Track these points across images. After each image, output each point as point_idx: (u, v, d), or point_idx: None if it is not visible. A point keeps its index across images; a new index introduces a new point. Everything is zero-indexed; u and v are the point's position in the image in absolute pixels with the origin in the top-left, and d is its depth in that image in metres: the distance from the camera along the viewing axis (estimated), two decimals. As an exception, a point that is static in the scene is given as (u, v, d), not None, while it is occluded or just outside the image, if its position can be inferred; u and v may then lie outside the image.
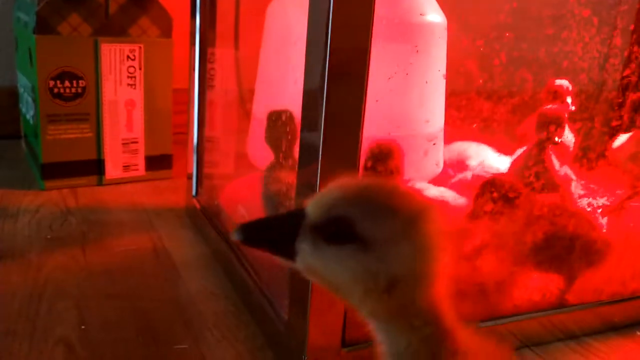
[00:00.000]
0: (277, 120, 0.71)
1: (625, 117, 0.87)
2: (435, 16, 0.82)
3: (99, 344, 0.68)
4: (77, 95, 1.11)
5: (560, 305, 0.76)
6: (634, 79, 0.77)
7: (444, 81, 0.87)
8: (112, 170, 1.18)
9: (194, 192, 1.04)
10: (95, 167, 1.17)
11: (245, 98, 1.08)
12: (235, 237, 0.32)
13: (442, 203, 0.74)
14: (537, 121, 0.84)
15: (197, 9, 0.99)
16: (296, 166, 0.63)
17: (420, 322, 0.31)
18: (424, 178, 0.84)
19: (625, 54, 0.76)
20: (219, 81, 1.05)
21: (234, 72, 1.10)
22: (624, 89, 0.79)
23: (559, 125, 0.80)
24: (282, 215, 0.33)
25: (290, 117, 0.69)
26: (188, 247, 0.94)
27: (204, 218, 0.98)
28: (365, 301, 0.31)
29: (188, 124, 1.05)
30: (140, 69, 1.16)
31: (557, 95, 1.05)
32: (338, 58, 0.53)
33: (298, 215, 0.32)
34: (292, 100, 0.72)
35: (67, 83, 1.09)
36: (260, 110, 0.89)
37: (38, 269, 0.83)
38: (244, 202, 0.89)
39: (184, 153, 1.15)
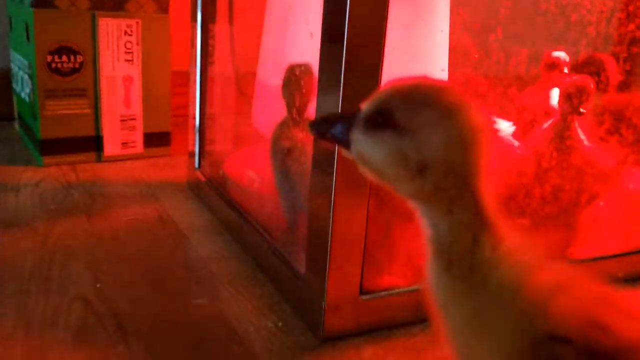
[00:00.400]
0: (293, 74, 0.71)
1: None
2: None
3: (116, 300, 0.68)
4: (74, 70, 1.10)
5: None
6: (638, 33, 0.79)
7: (447, 46, 0.88)
8: (110, 147, 1.18)
9: (196, 165, 1.04)
10: (93, 143, 1.16)
11: (246, 72, 1.08)
12: (310, 130, 0.38)
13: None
14: (561, 93, 0.84)
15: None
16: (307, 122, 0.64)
17: (458, 209, 0.33)
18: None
19: (631, 8, 0.78)
20: (218, 57, 1.05)
21: (233, 47, 1.10)
22: (629, 44, 0.81)
23: (587, 96, 0.80)
24: (343, 113, 0.39)
25: (307, 70, 0.70)
26: (194, 216, 0.95)
27: (208, 189, 0.98)
28: (402, 183, 0.34)
29: (189, 99, 1.05)
30: (137, 44, 1.16)
31: (554, 66, 1.07)
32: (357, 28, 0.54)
33: (355, 112, 0.35)
34: (305, 56, 0.72)
35: (64, 58, 1.09)
36: (266, 73, 0.89)
37: (45, 236, 0.82)
38: (252, 168, 0.89)
39: (181, 133, 1.15)
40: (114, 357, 0.58)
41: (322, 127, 0.38)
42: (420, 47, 0.78)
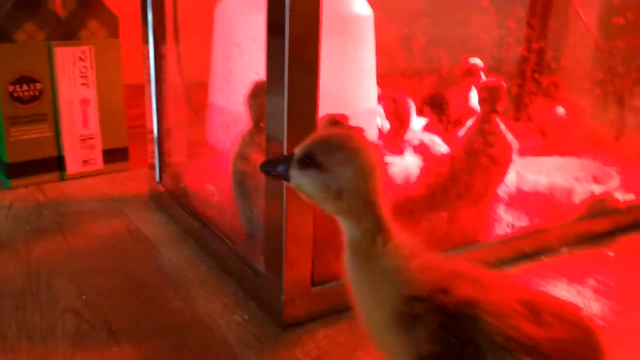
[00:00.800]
0: (257, 92, 0.82)
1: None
2: (364, 8, 0.96)
3: (102, 308, 0.78)
4: (34, 98, 1.18)
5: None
6: (527, 54, 0.94)
7: (374, 64, 1.01)
8: (72, 166, 1.26)
9: (157, 179, 1.14)
10: (56, 163, 1.24)
11: (197, 89, 1.18)
12: (260, 170, 0.52)
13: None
14: (479, 96, 0.97)
15: (149, 8, 1.08)
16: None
17: (364, 220, 0.47)
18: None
19: (521, 35, 0.93)
20: (170, 74, 1.15)
21: (182, 66, 1.20)
22: (521, 62, 0.96)
23: (500, 95, 0.95)
24: (282, 156, 0.52)
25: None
26: (160, 227, 1.05)
27: (170, 201, 1.08)
28: (327, 204, 0.48)
29: (147, 116, 1.14)
30: (92, 68, 1.24)
31: (470, 72, 1.22)
32: (295, 48, 0.66)
33: (290, 155, 0.50)
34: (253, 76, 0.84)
35: (25, 87, 1.16)
36: (218, 98, 1.00)
37: (28, 255, 0.91)
38: (211, 181, 1.00)
39: (138, 145, 1.23)
40: (111, 357, 0.69)
41: (268, 167, 0.52)
42: (347, 80, 0.91)
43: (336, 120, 0.77)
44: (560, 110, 1.07)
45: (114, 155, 1.32)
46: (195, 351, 0.70)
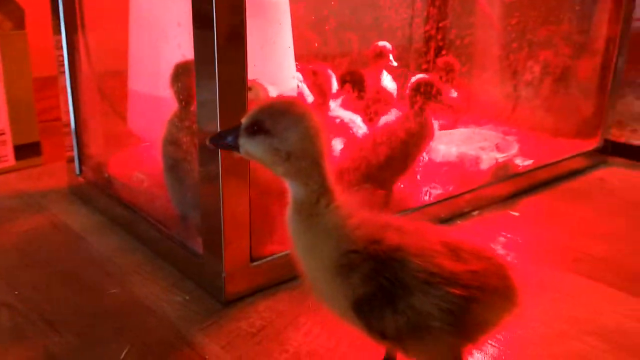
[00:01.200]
0: (180, 73, 0.83)
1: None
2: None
3: (37, 301, 0.77)
4: None
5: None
6: (432, 32, 1.01)
7: (292, 47, 1.05)
8: (-19, 164, 1.21)
9: (77, 171, 1.12)
10: (-36, 162, 1.18)
11: (115, 78, 1.17)
12: (209, 144, 0.53)
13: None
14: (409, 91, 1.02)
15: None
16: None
17: (311, 181, 0.51)
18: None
19: (425, 13, 0.99)
20: (84, 65, 1.13)
21: (92, 55, 1.17)
22: (427, 40, 1.03)
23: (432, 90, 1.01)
24: (230, 128, 0.53)
25: (191, 67, 0.81)
26: (85, 219, 1.04)
27: (93, 192, 1.07)
28: (277, 167, 0.51)
29: (62, 108, 1.12)
30: (-2, 62, 1.19)
31: (381, 54, 1.28)
32: (223, 32, 0.69)
33: (238, 125, 0.52)
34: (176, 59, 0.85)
35: None
36: (138, 84, 1.00)
37: (-52, 256, 0.88)
38: (138, 168, 1.00)
39: (51, 139, 1.20)
40: (53, 347, 0.69)
41: (217, 140, 0.53)
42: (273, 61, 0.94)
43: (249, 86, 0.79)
44: (453, 92, 1.16)
45: (27, 150, 1.28)
46: (138, 332, 0.72)
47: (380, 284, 0.50)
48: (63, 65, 1.09)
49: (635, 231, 1.03)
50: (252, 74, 0.73)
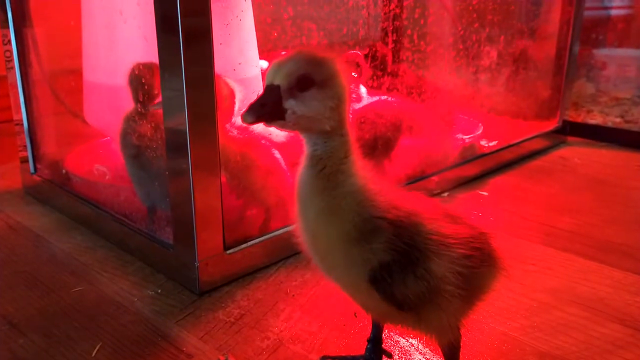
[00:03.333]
0: (138, 74, 0.79)
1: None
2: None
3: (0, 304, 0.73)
4: None
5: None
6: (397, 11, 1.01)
7: (254, 36, 1.02)
8: None
9: (32, 170, 1.07)
10: None
11: (62, 72, 1.12)
12: (247, 120, 0.46)
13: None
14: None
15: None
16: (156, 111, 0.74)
17: (338, 135, 0.48)
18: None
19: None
20: (36, 60, 1.07)
21: (45, 48, 1.12)
22: (393, 19, 1.03)
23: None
24: (264, 94, 0.47)
25: (149, 66, 0.78)
26: (43, 218, 0.98)
27: (50, 191, 1.02)
28: (323, 123, 0.47)
29: (12, 105, 1.06)
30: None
31: (353, 63, 1.24)
32: (187, 15, 0.66)
33: (273, 88, 0.47)
34: (139, 56, 0.81)
35: None
36: (93, 74, 0.95)
37: None
38: (98, 162, 0.96)
39: (5, 140, 1.14)
40: (19, 349, 0.64)
41: (256, 113, 0.46)
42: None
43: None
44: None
45: (-25, 151, 1.21)
46: (109, 329, 0.68)
47: (402, 250, 0.48)
48: (12, 61, 1.04)
49: (600, 205, 1.05)
50: (217, 52, 0.71)
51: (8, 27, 1.03)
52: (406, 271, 0.48)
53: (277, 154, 0.83)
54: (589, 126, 1.47)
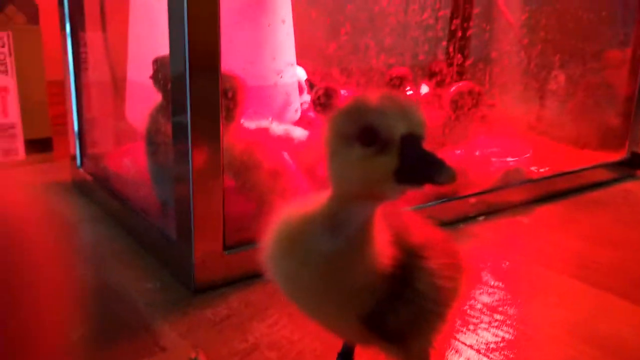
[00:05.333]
0: (161, 64, 0.82)
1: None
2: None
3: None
4: (-52, 84, 1.15)
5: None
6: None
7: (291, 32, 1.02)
8: (-9, 156, 1.23)
9: (78, 164, 1.12)
10: (-26, 153, 1.20)
11: (117, 76, 1.17)
12: (446, 180, 0.36)
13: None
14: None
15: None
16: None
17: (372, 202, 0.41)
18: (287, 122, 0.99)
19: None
20: (92, 62, 1.14)
21: (108, 51, 1.18)
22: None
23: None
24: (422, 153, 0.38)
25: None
26: (79, 209, 1.03)
27: (91, 185, 1.07)
28: (378, 187, 0.39)
29: (66, 104, 1.12)
30: (10, 55, 1.21)
31: (402, 81, 1.22)
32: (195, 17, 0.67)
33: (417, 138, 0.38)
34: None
35: (-63, 72, 1.12)
36: (135, 73, 0.99)
37: None
38: (129, 158, 0.99)
39: (63, 141, 1.21)
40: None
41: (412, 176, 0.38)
42: (264, 39, 0.92)
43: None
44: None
45: (37, 145, 1.29)
46: (99, 316, 0.69)
47: (397, 283, 0.43)
48: (68, 60, 1.11)
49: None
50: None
51: (65, 29, 1.10)
52: (397, 299, 0.44)
53: (287, 157, 0.81)
54: (664, 160, 1.34)
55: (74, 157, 1.14)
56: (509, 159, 1.10)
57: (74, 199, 1.08)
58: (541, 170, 1.14)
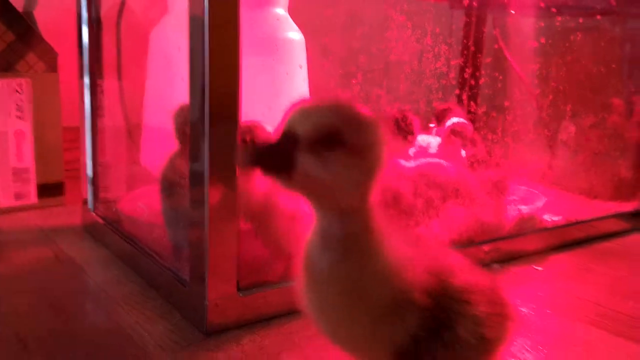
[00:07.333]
0: (180, 115, 0.83)
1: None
2: (295, 34, 1.00)
3: (18, 323, 0.75)
4: (-34, 128, 1.16)
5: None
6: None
7: (307, 88, 1.04)
8: (2, 199, 1.23)
9: (90, 206, 1.12)
10: (-13, 196, 1.21)
11: (131, 123, 1.19)
12: (247, 162, 0.39)
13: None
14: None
15: (85, 44, 1.10)
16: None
17: (364, 210, 0.41)
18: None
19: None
20: (108, 110, 1.16)
21: (123, 99, 1.20)
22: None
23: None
24: (280, 139, 0.39)
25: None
26: (89, 251, 1.02)
27: (102, 228, 1.06)
28: (348, 195, 0.40)
29: (80, 149, 1.14)
30: (29, 102, 1.24)
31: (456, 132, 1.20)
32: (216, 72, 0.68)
33: (292, 135, 0.39)
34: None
35: (-44, 116, 1.14)
36: (151, 119, 1.01)
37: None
38: (143, 202, 0.99)
39: (75, 186, 1.22)
40: (19, 364, 0.65)
41: (259, 155, 0.39)
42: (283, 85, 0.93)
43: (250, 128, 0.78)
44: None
45: (50, 189, 1.29)
46: (109, 357, 0.68)
47: (434, 318, 0.42)
48: (85, 108, 1.12)
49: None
50: (255, 108, 0.73)
51: (83, 77, 1.12)
52: (435, 339, 0.43)
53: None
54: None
55: (85, 202, 1.14)
56: (523, 206, 1.10)
57: (84, 243, 1.07)
58: (554, 218, 1.14)
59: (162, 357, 0.68)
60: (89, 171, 1.12)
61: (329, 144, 0.38)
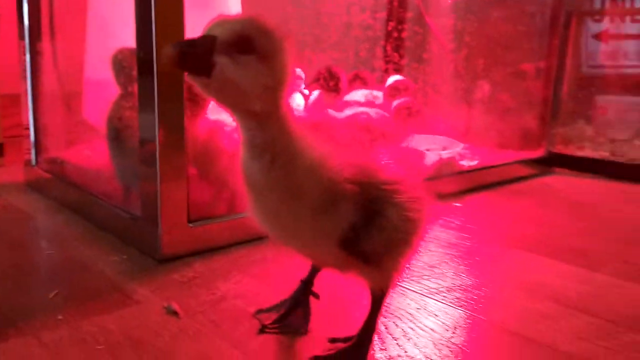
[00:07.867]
0: (120, 59, 0.87)
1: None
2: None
3: (-24, 257, 0.79)
4: None
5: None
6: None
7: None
8: (-60, 160, 1.23)
9: (33, 162, 1.15)
10: None
11: (70, 79, 1.21)
12: (172, 49, 0.41)
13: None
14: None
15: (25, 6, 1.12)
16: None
17: (275, 120, 0.46)
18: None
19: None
20: (47, 71, 1.18)
21: (58, 60, 1.22)
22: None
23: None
24: (198, 39, 0.42)
25: (130, 51, 0.86)
26: (35, 203, 1.06)
27: (47, 180, 1.10)
28: (254, 100, 0.44)
29: (22, 110, 1.16)
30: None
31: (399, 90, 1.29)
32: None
33: (210, 37, 0.42)
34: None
35: None
36: (91, 69, 1.04)
37: None
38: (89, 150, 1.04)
39: (16, 151, 1.23)
40: (-16, 289, 0.70)
41: (180, 46, 0.41)
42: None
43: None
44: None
45: (-12, 151, 1.30)
46: (70, 282, 0.73)
47: (366, 207, 0.49)
48: (25, 70, 1.14)
49: (572, 221, 1.06)
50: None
51: (24, 39, 1.14)
52: (371, 225, 0.50)
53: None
54: (576, 158, 1.49)
55: (28, 163, 1.17)
56: (442, 152, 1.22)
57: (30, 196, 1.11)
58: (471, 163, 1.26)
59: (121, 279, 0.74)
60: (31, 128, 1.15)
61: (242, 47, 0.42)
